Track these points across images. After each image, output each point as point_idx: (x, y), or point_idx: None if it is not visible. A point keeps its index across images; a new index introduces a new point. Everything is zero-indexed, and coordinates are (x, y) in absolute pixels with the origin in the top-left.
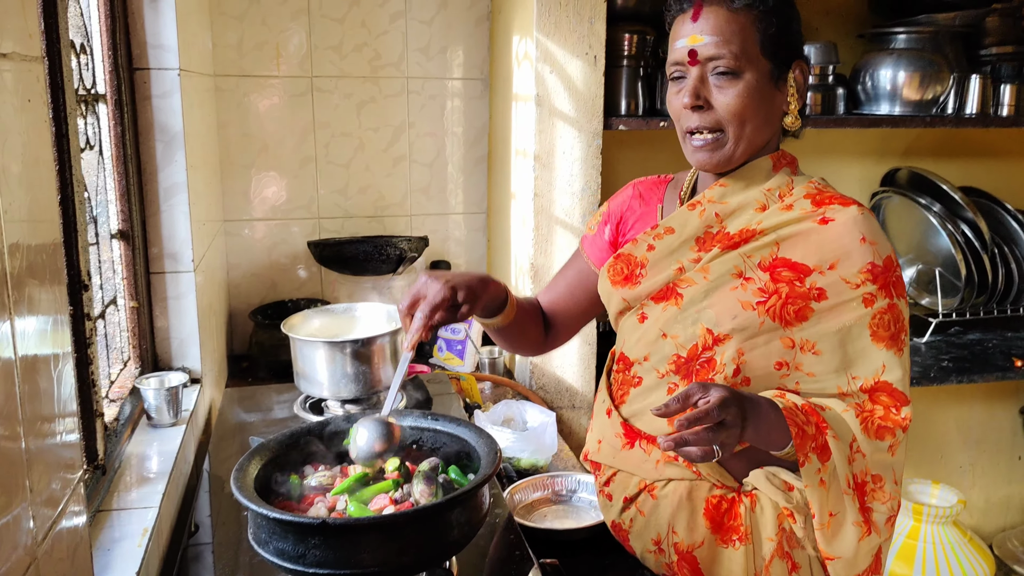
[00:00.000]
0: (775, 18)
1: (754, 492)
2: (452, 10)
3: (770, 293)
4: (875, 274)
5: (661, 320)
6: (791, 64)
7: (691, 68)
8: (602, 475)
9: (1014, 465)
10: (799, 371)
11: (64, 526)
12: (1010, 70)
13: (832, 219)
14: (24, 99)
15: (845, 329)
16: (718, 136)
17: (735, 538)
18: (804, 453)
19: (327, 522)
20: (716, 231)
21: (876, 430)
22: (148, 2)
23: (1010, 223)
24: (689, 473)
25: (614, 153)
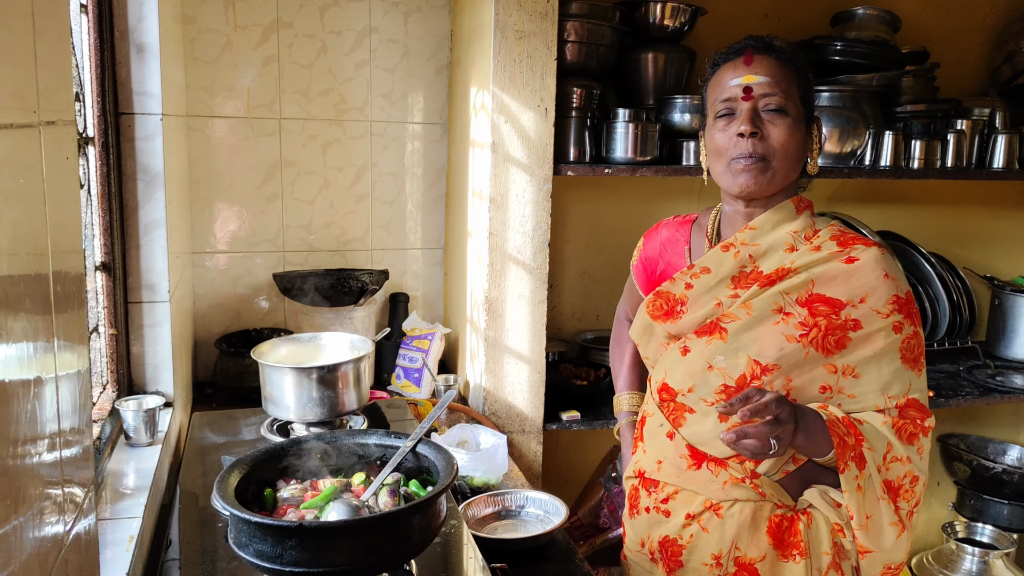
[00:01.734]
0: (806, 77)
1: (809, 510)
2: (414, 60)
3: (810, 326)
4: (900, 305)
5: (706, 353)
6: (814, 117)
7: (743, 103)
8: (659, 492)
9: (932, 490)
10: (841, 394)
11: (81, 527)
12: (920, 127)
13: (857, 258)
14: (63, 158)
15: (880, 353)
16: (764, 163)
17: (795, 553)
18: (844, 461)
19: (303, 525)
20: (750, 271)
21: (908, 436)
22: (135, 52)
23: (924, 265)
24: (754, 494)
25: (563, 196)
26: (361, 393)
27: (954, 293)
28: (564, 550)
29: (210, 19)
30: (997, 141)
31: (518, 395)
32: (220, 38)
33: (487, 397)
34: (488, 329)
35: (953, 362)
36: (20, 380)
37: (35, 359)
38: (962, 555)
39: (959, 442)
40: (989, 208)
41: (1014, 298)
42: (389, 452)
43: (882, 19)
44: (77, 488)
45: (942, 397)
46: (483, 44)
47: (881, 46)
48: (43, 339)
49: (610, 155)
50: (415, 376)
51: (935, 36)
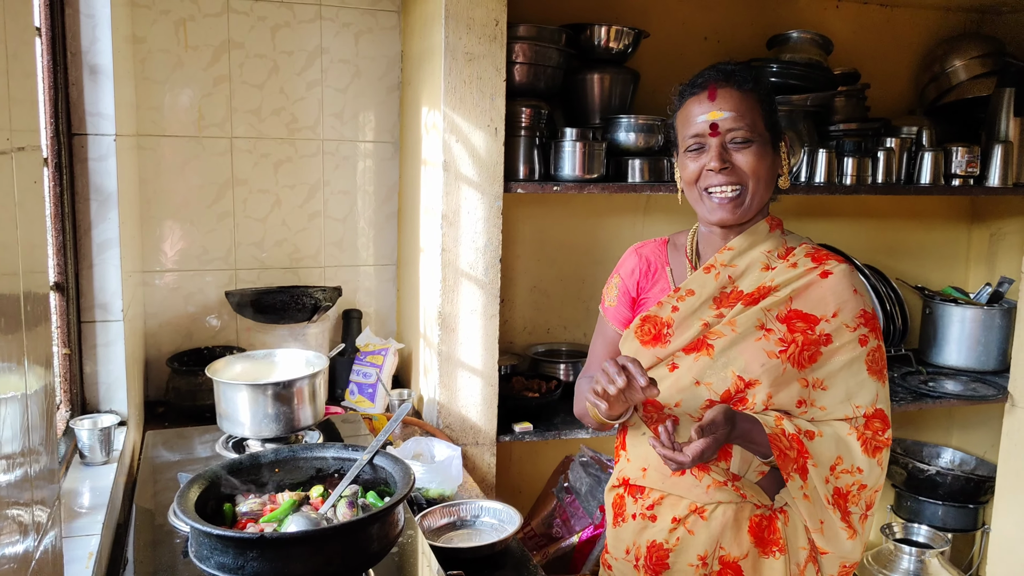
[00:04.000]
0: (770, 102)
1: (786, 509)
2: (365, 80)
3: (788, 343)
4: (866, 319)
5: (694, 369)
6: (781, 136)
7: (711, 139)
8: (645, 499)
9: None
10: (813, 406)
11: (48, 543)
12: (852, 145)
13: (831, 272)
14: (32, 181)
15: (847, 366)
16: (739, 191)
17: (775, 549)
18: (787, 472)
19: (265, 536)
20: (731, 291)
21: (873, 449)
22: (88, 74)
23: None
24: (736, 496)
25: (513, 212)
26: (316, 409)
27: (887, 303)
28: (519, 557)
29: (160, 39)
30: (924, 158)
31: (471, 408)
32: (171, 58)
33: (441, 411)
34: (441, 343)
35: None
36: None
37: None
38: (900, 555)
39: (895, 446)
40: (919, 222)
41: (944, 307)
42: (346, 465)
43: (815, 42)
44: (42, 505)
45: None
46: (434, 65)
47: (815, 68)
48: (15, 358)
49: (558, 173)
50: (369, 391)
51: (865, 58)
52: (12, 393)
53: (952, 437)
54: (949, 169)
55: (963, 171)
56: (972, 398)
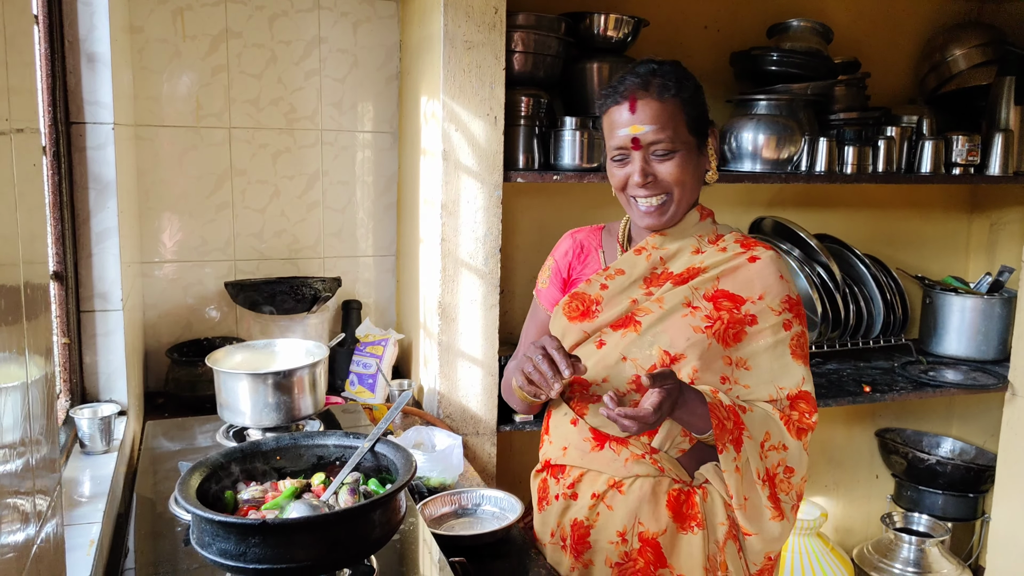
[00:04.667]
0: (694, 102)
1: (705, 485)
2: (363, 69)
3: (714, 319)
4: (791, 304)
5: (621, 345)
6: (707, 133)
7: (634, 152)
8: (567, 477)
9: (872, 483)
10: (737, 384)
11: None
12: (852, 134)
13: (758, 257)
14: (31, 163)
15: (771, 347)
16: (664, 199)
17: (693, 525)
18: (722, 443)
19: (267, 522)
20: (661, 272)
21: (797, 431)
22: (86, 62)
23: (858, 266)
24: (654, 470)
25: (513, 202)
26: (317, 398)
27: (888, 293)
28: (520, 545)
29: (158, 29)
30: (924, 147)
31: (472, 398)
32: (168, 48)
33: (441, 400)
34: (441, 334)
35: (888, 359)
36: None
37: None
38: (900, 544)
39: (895, 436)
40: (919, 211)
41: (944, 297)
42: (348, 453)
43: (815, 31)
44: (43, 494)
45: (878, 392)
46: (433, 54)
47: (815, 56)
48: (15, 348)
49: (558, 162)
50: (369, 382)
51: (866, 47)
52: (13, 383)
53: (952, 426)
54: (949, 158)
55: (963, 160)
56: (972, 387)
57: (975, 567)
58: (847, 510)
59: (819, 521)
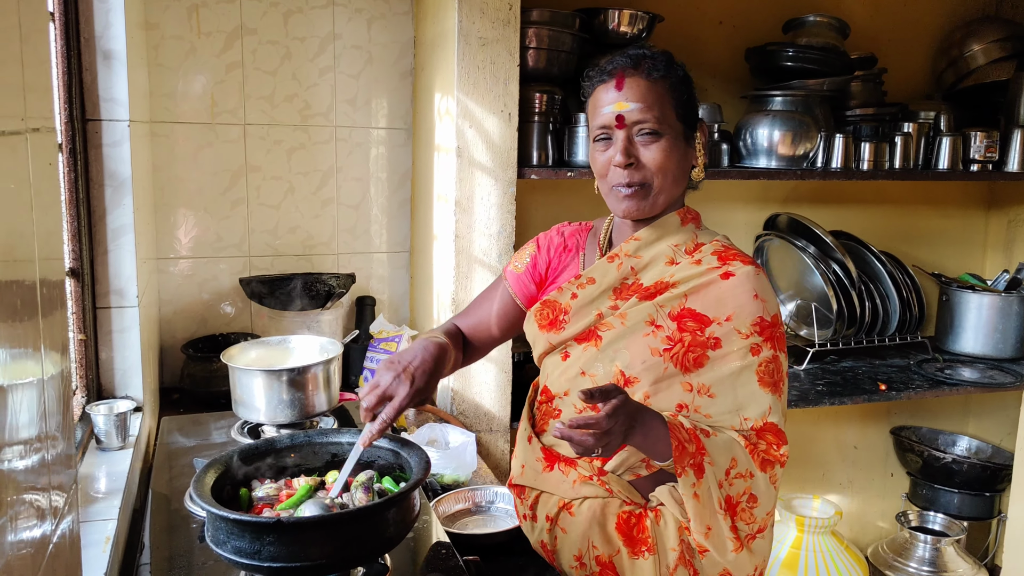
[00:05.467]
0: (683, 89)
1: (659, 508)
2: (378, 66)
3: (675, 341)
4: (763, 327)
5: (582, 359)
6: (696, 126)
7: (618, 131)
8: (527, 498)
9: (887, 481)
10: (697, 413)
11: (65, 528)
12: (869, 130)
13: (733, 273)
14: (47, 162)
15: (736, 374)
16: (644, 185)
17: (643, 549)
18: (682, 466)
19: (281, 520)
20: (631, 282)
21: (762, 462)
22: (101, 59)
23: (874, 263)
24: (602, 491)
25: (527, 199)
26: (331, 395)
27: (904, 290)
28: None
29: (173, 26)
30: (942, 143)
31: (485, 395)
32: (183, 44)
33: (455, 397)
34: None
35: (904, 356)
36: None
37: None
38: (915, 543)
39: (911, 434)
40: (935, 208)
41: (960, 294)
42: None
43: (832, 26)
44: (59, 490)
45: (893, 390)
46: (447, 51)
47: (831, 52)
48: (31, 344)
49: (572, 159)
50: None
51: (882, 42)
52: (29, 379)
53: (968, 425)
54: (967, 154)
55: (981, 156)
56: (989, 385)
57: (991, 566)
58: (862, 508)
59: (834, 519)
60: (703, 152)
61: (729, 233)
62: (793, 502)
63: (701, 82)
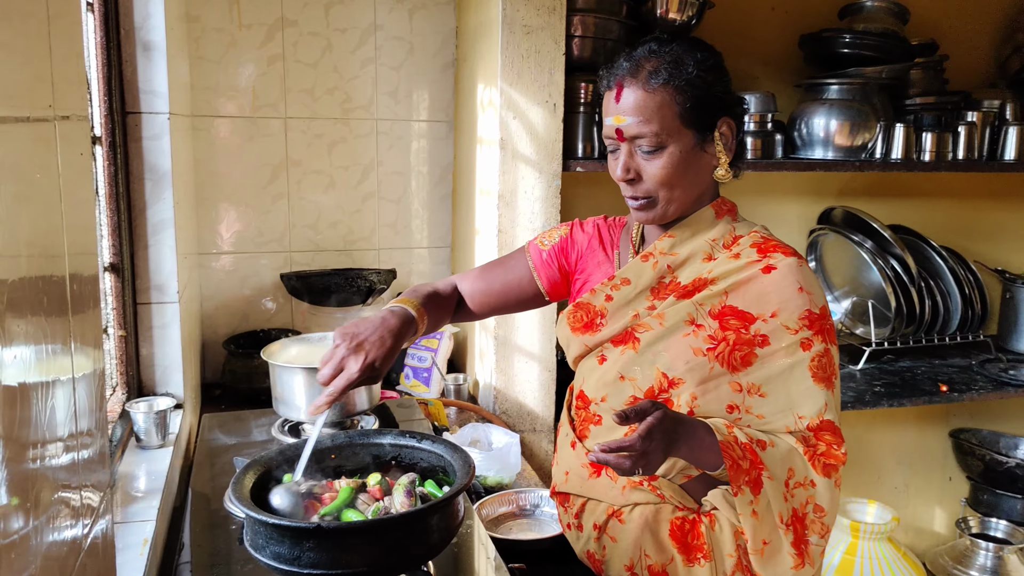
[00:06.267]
0: (692, 90)
1: (713, 512)
2: (419, 57)
3: (719, 340)
4: (812, 320)
5: (620, 363)
6: (716, 124)
7: (620, 143)
8: (572, 506)
9: (945, 485)
10: (749, 413)
11: (99, 530)
12: (931, 120)
13: (775, 267)
14: (78, 153)
15: (787, 371)
16: (649, 200)
17: (699, 556)
18: (737, 485)
19: (321, 526)
20: (669, 281)
21: (823, 467)
22: (141, 51)
23: (935, 259)
24: (653, 497)
25: (572, 192)
26: (372, 393)
27: (966, 287)
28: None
29: (214, 18)
30: (1008, 133)
31: (528, 394)
32: (225, 37)
33: (497, 396)
34: (497, 328)
35: (965, 356)
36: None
37: (52, 361)
38: (976, 551)
39: (971, 437)
40: (999, 201)
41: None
42: (404, 452)
43: (891, 11)
44: (94, 490)
45: (955, 391)
46: (490, 40)
47: (890, 38)
48: (60, 341)
49: None
50: (424, 376)
51: (944, 28)
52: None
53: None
54: None
55: None
56: None
57: None
58: (918, 513)
59: (890, 526)
60: (726, 151)
61: (782, 227)
62: (847, 506)
63: (752, 70)
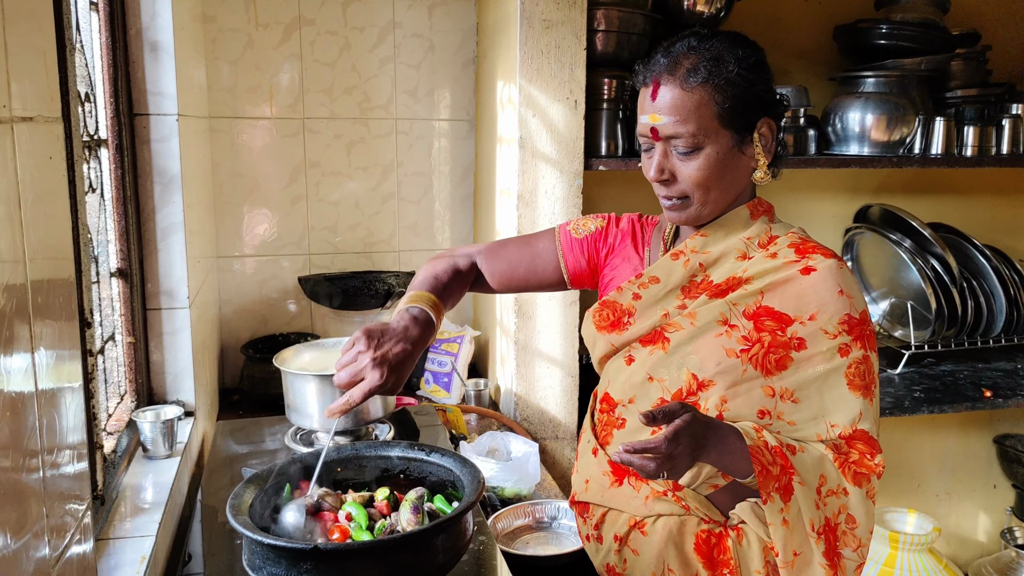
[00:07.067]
0: (732, 89)
1: (740, 526)
2: (439, 55)
3: (753, 342)
4: (851, 326)
5: (648, 363)
6: (755, 125)
7: (655, 143)
8: (592, 517)
9: (989, 493)
10: (780, 420)
11: (74, 552)
12: (973, 113)
13: (814, 268)
14: (46, 156)
15: (822, 378)
16: (683, 200)
17: (725, 572)
18: (767, 492)
19: (318, 547)
20: (700, 280)
21: (854, 476)
22: (148, 51)
23: (977, 258)
24: (678, 508)
25: (595, 192)
26: (387, 401)
27: (1011, 287)
28: None
29: (230, 18)
30: None
31: (550, 400)
32: (241, 37)
33: (518, 402)
34: (518, 332)
35: (1010, 360)
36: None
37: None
38: (1022, 562)
39: (1017, 443)
40: None
41: None
42: (412, 465)
43: (930, 0)
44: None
45: (999, 397)
46: (509, 35)
47: (929, 28)
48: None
49: None
50: (444, 381)
51: (986, 17)
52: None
53: None
54: None
55: None
56: None
57: None
58: (961, 522)
59: (931, 536)
60: (765, 153)
61: (816, 226)
62: (886, 516)
63: (785, 64)
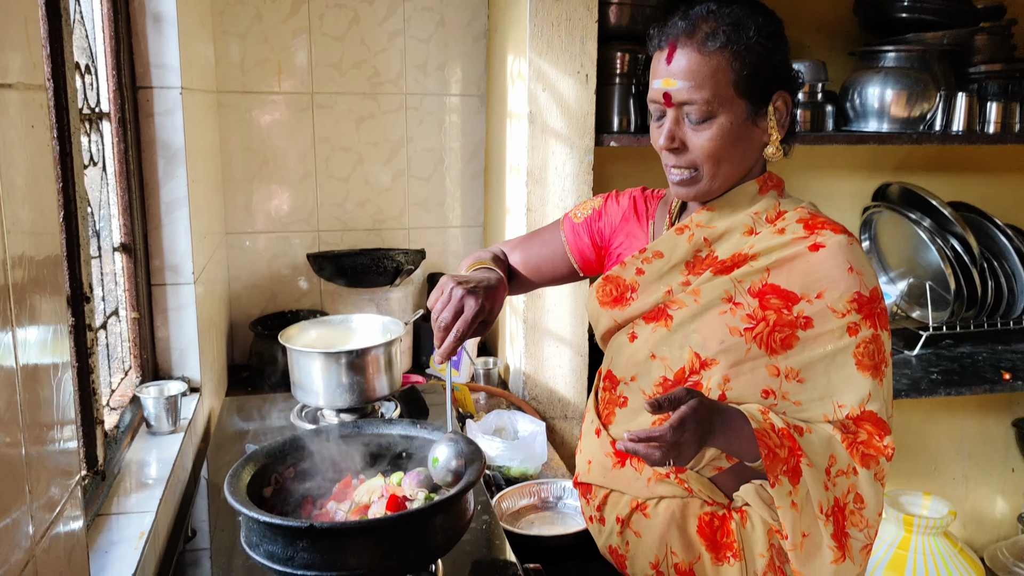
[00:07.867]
0: (751, 57)
1: (744, 508)
2: (450, 28)
3: (758, 320)
4: (861, 304)
5: (651, 341)
6: (770, 98)
7: (667, 109)
8: (594, 498)
9: (1007, 477)
10: (785, 400)
11: (61, 529)
12: (996, 88)
13: (822, 245)
14: (28, 125)
15: (830, 357)
16: (694, 173)
17: (728, 555)
18: (774, 475)
19: (314, 525)
20: (705, 255)
21: (862, 457)
22: (151, 23)
23: (999, 237)
24: (681, 490)
25: (606, 168)
26: (393, 378)
27: None
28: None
29: None
30: None
31: (559, 379)
32: (249, 10)
33: (527, 381)
34: (527, 310)
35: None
36: None
37: None
38: None
39: None
40: None
41: None
42: (414, 443)
43: None
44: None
45: (1019, 379)
46: (519, 7)
47: (953, 1)
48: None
49: None
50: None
51: None
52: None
53: None
54: None
55: None
56: None
57: None
58: (978, 506)
59: (947, 520)
60: (779, 127)
61: (834, 204)
62: (900, 499)
63: (803, 37)
